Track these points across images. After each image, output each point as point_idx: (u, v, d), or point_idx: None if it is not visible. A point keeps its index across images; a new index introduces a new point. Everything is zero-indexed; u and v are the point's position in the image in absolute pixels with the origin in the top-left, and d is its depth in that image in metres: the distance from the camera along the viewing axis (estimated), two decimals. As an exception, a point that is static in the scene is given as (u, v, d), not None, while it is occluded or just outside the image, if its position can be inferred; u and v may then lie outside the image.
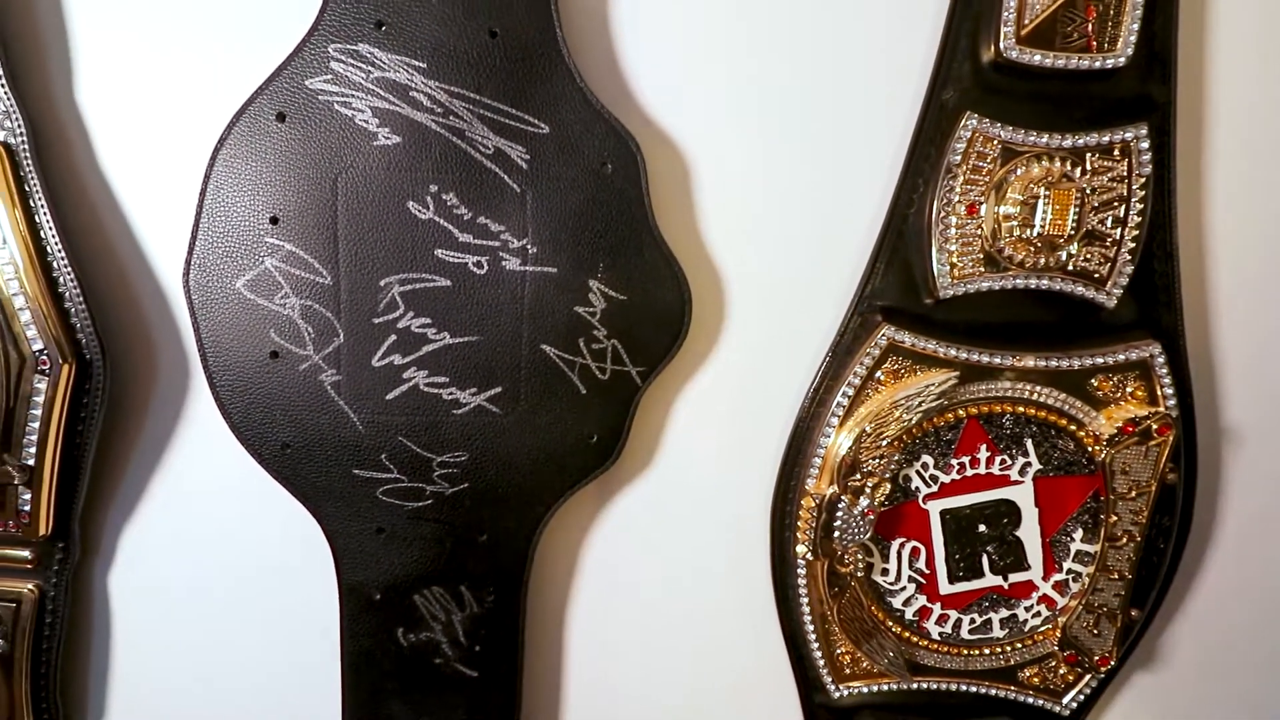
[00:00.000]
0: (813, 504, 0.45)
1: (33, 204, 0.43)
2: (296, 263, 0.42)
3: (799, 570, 0.47)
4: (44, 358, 0.44)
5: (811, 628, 0.48)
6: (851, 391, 0.44)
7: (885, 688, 0.49)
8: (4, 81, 0.42)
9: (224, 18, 0.43)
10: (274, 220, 0.41)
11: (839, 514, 0.45)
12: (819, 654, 0.48)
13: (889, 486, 0.45)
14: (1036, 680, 0.49)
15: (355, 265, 0.42)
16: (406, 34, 0.40)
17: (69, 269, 0.44)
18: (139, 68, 0.44)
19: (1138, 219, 0.42)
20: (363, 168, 0.41)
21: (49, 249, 0.43)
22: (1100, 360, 0.43)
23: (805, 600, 0.47)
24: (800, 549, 0.46)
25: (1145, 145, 0.41)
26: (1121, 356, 0.43)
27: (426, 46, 0.40)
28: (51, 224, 0.43)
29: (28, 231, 0.43)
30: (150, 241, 0.46)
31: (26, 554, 0.48)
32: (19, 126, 0.43)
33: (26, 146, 0.43)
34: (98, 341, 0.44)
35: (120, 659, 0.53)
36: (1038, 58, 0.40)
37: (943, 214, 0.42)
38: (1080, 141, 0.41)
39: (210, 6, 0.43)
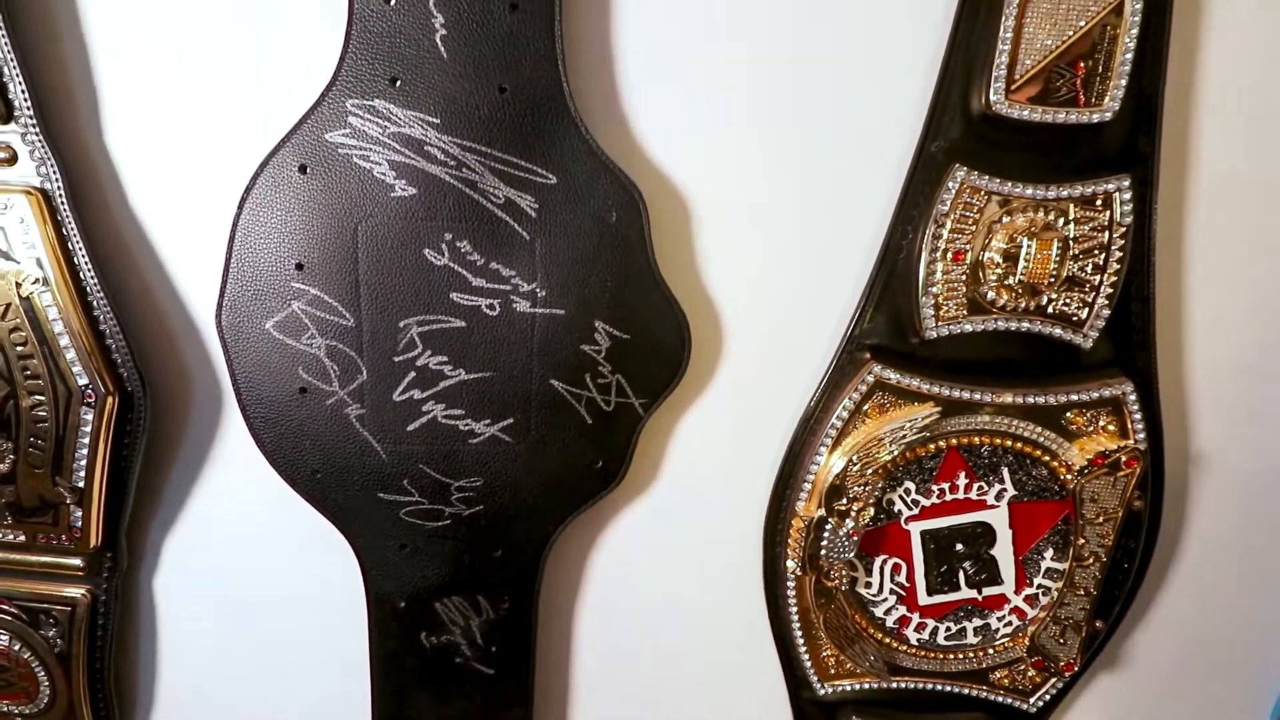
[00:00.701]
0: (802, 525, 0.49)
1: (71, 247, 0.46)
2: (321, 306, 0.45)
3: (789, 583, 0.51)
4: (89, 391, 0.47)
5: (800, 633, 0.52)
6: (840, 423, 0.47)
7: (867, 686, 0.53)
8: (40, 132, 0.44)
9: (245, 69, 0.45)
10: (299, 266, 0.44)
11: (826, 534, 0.48)
12: (806, 656, 0.53)
13: (873, 510, 0.48)
14: (1006, 681, 0.54)
15: (376, 308, 0.45)
16: (420, 90, 0.42)
17: (108, 309, 0.47)
18: (165, 118, 0.46)
19: (1116, 266, 0.44)
20: (381, 217, 0.44)
21: (88, 289, 0.46)
22: (1075, 397, 0.46)
23: (794, 609, 0.51)
24: (790, 564, 0.50)
25: (1127, 196, 0.43)
26: (1096, 394, 0.46)
27: (439, 102, 0.42)
28: (90, 266, 0.46)
29: (68, 273, 0.46)
30: (183, 282, 0.49)
31: (79, 563, 0.52)
32: (55, 173, 0.45)
33: (62, 192, 0.45)
34: (138, 375, 0.48)
35: (166, 656, 0.58)
36: (1026, 112, 0.42)
37: (930, 260, 0.44)
38: (1064, 193, 0.43)
39: (232, 59, 0.45)
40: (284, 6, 0.44)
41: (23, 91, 0.44)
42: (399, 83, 0.42)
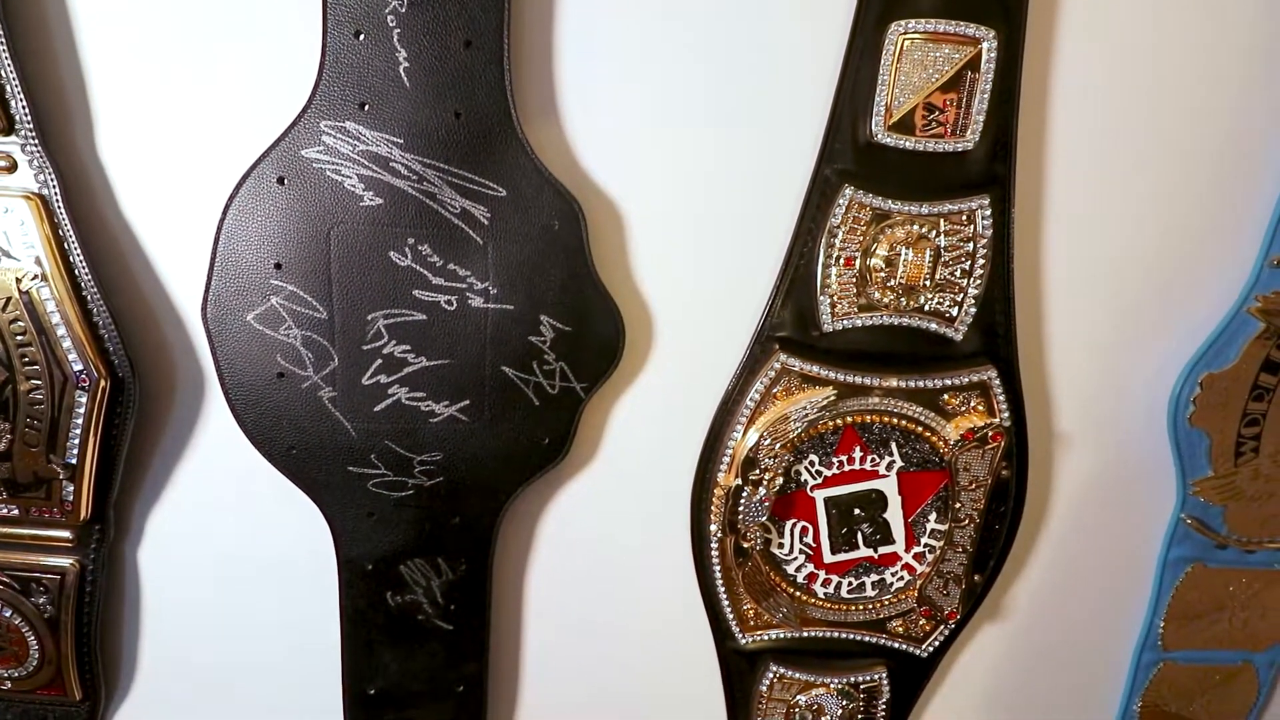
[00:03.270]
0: (722, 493, 0.56)
1: (67, 246, 0.51)
2: (297, 301, 0.50)
3: (712, 544, 0.58)
4: (83, 376, 0.52)
5: (723, 589, 0.59)
6: (752, 405, 0.54)
7: (782, 635, 0.61)
8: (39, 142, 0.49)
9: (229, 92, 0.50)
10: (278, 266, 0.50)
11: (742, 501, 0.55)
12: (729, 609, 0.59)
13: (782, 479, 0.55)
14: (901, 630, 0.61)
15: (347, 303, 0.51)
16: (386, 114, 0.48)
17: (101, 302, 0.51)
18: (155, 133, 0.51)
19: (981, 270, 0.53)
20: (351, 224, 0.49)
21: (83, 284, 0.51)
22: (949, 381, 0.54)
23: (717, 568, 0.58)
24: (713, 528, 0.57)
25: (988, 212, 0.51)
26: (966, 379, 0.54)
27: (402, 124, 0.48)
28: (84, 263, 0.51)
29: (64, 270, 0.51)
30: (169, 278, 0.53)
31: (68, 535, 0.57)
32: (52, 180, 0.50)
33: (59, 196, 0.50)
34: (128, 362, 0.53)
35: (149, 621, 0.62)
36: (903, 142, 0.50)
37: (825, 265, 0.52)
38: (935, 209, 0.51)
39: (216, 82, 0.50)
40: (266, 38, 0.49)
41: (23, 106, 0.48)
42: (367, 107, 0.48)
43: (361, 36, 0.46)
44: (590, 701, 0.66)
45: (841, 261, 0.52)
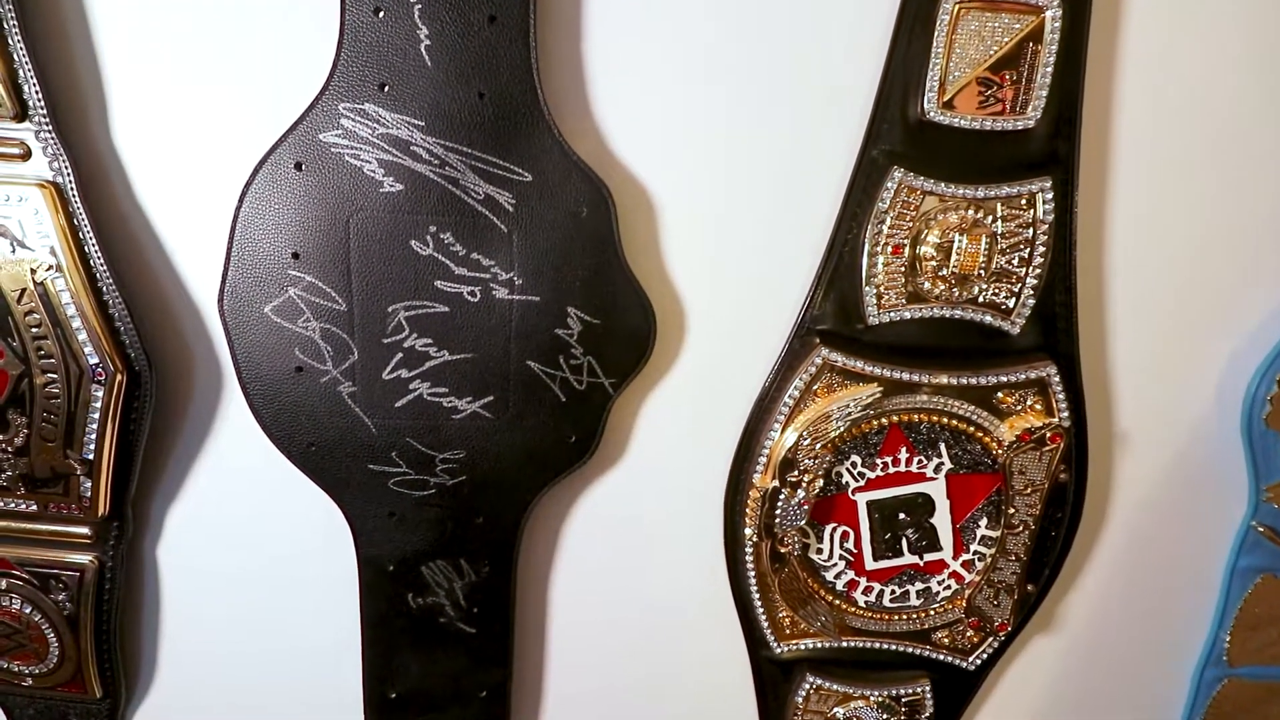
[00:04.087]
0: (758, 495, 0.53)
1: (82, 236, 0.49)
2: (316, 292, 0.48)
3: (747, 549, 0.55)
4: (99, 370, 0.51)
5: (757, 595, 0.56)
6: (792, 402, 0.51)
7: (819, 645, 0.58)
8: (52, 129, 0.48)
9: (245, 74, 0.48)
10: (295, 255, 0.48)
11: (780, 504, 0.53)
12: (764, 617, 0.57)
13: (822, 481, 0.52)
14: (947, 641, 0.58)
15: (366, 294, 0.49)
16: (406, 95, 0.45)
17: (117, 294, 0.50)
18: (170, 118, 0.49)
19: (1040, 259, 0.49)
20: (371, 211, 0.47)
21: (98, 276, 0.50)
22: (1005, 378, 0.51)
23: (752, 574, 0.55)
24: (748, 531, 0.54)
25: (1049, 196, 0.48)
26: (1023, 375, 0.51)
27: (424, 106, 0.46)
28: (99, 254, 0.49)
29: (79, 261, 0.49)
30: (186, 270, 0.52)
31: (87, 531, 0.56)
32: (66, 168, 0.48)
33: (73, 185, 0.49)
34: (144, 356, 0.51)
35: (169, 619, 0.61)
36: (957, 119, 0.46)
37: (872, 253, 0.49)
38: (992, 193, 0.47)
39: (232, 65, 0.48)
40: (281, 17, 0.47)
41: (36, 93, 0.47)
42: (387, 88, 0.45)
43: (381, 13, 0.44)
44: (617, 710, 0.63)
45: (889, 249, 0.48)
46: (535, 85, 0.45)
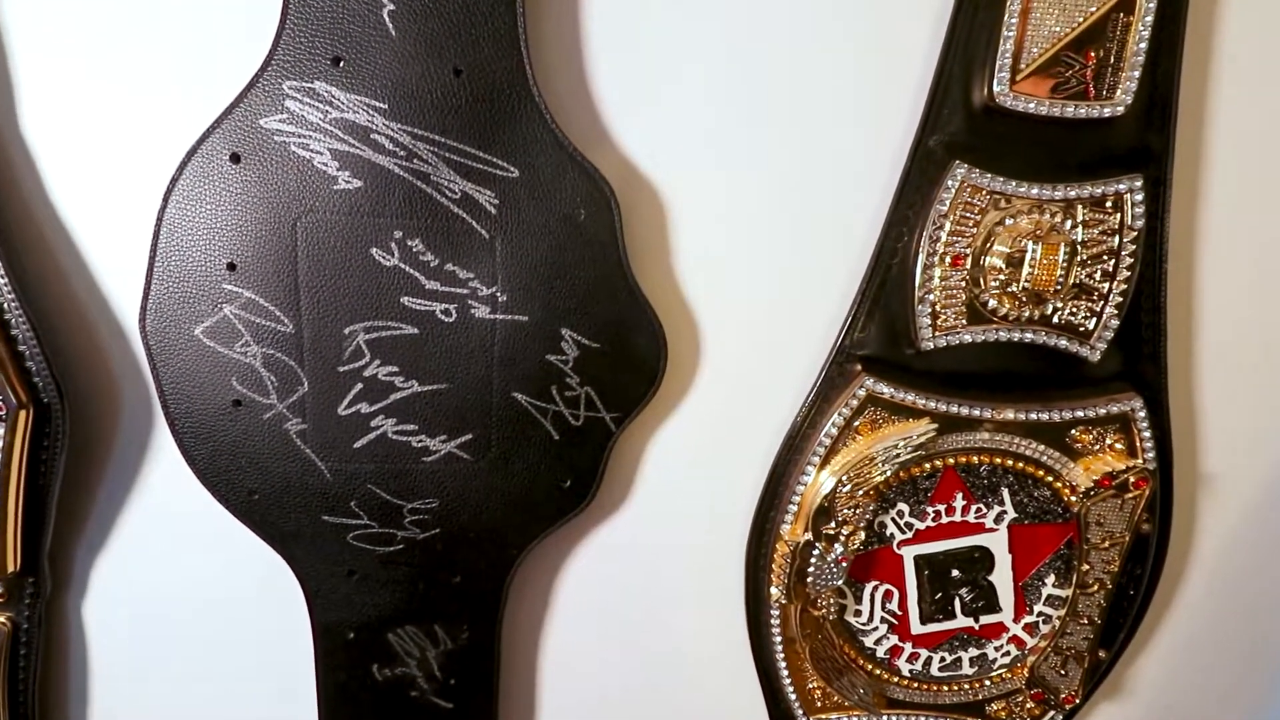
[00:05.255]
0: (787, 549, 0.45)
1: (-22, 242, 0.41)
2: (256, 310, 0.40)
3: (773, 611, 0.47)
4: (-1, 403, 0.42)
5: (784, 664, 0.49)
6: (829, 440, 0.44)
7: (857, 719, 0.50)
8: (-61, 112, 0.40)
9: (172, 47, 0.40)
10: (231, 266, 0.40)
11: (813, 559, 0.45)
12: (791, 688, 0.49)
13: (864, 534, 0.44)
14: (1004, 714, 0.50)
15: (318, 313, 0.41)
16: (366, 72, 0.38)
17: (19, 311, 0.42)
18: (87, 99, 0.41)
19: (1127, 272, 0.41)
20: (323, 212, 0.39)
21: (-2, 289, 0.42)
22: (1081, 413, 0.43)
23: (778, 639, 0.48)
24: (774, 591, 0.46)
25: (1140, 197, 0.40)
26: (1103, 410, 0.43)
27: (387, 85, 0.38)
28: (0, 263, 0.42)
29: (-26, 271, 0.41)
30: (107, 281, 0.44)
31: (-4, 588, 0.48)
32: (-41, 159, 0.40)
33: (-32, 181, 0.41)
34: (55, 385, 0.43)
35: (97, 686, 0.53)
36: (1032, 104, 0.38)
37: (927, 264, 0.41)
38: (1072, 193, 0.40)
39: (158, 36, 0.40)
40: (216, -24, 0.39)
41: (-78, 70, 0.39)
42: (342, 63, 0.38)
43: (334, -29, 0.36)
44: (619, 791, 0.55)
45: (948, 260, 0.41)
46: (523, 60, 0.38)
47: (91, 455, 0.47)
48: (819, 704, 0.50)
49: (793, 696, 0.49)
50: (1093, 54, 0.38)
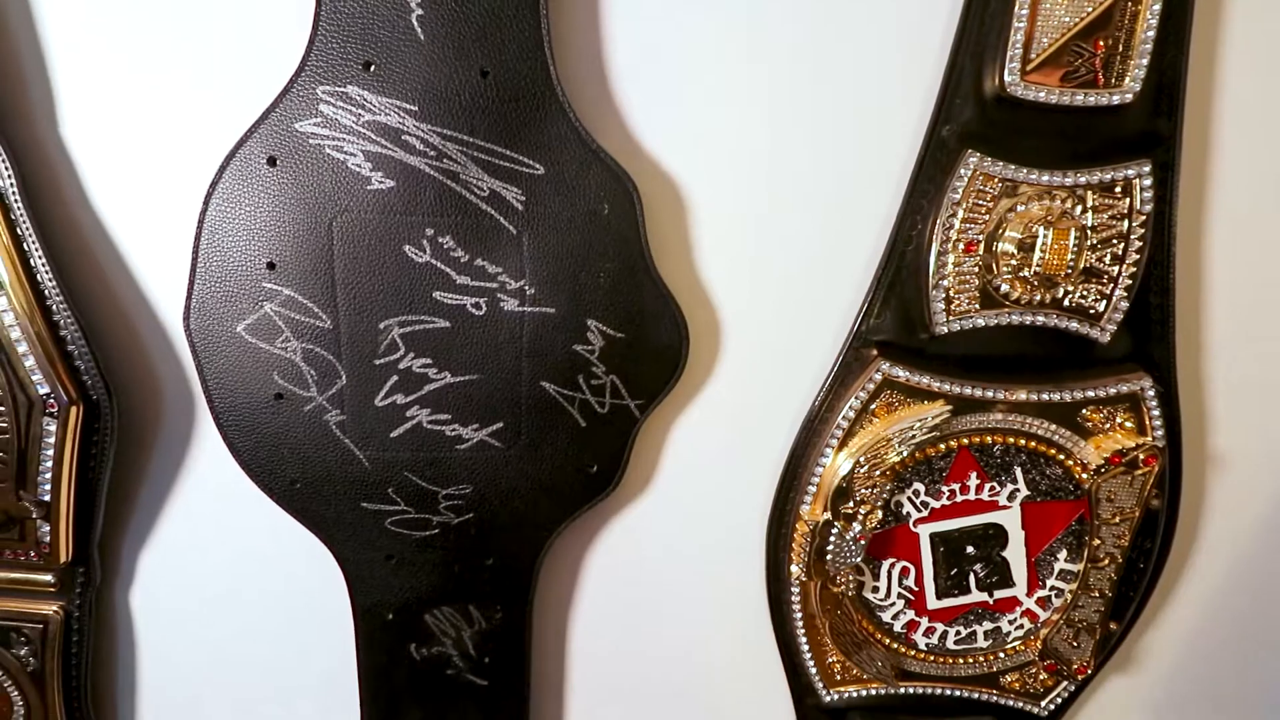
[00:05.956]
0: (806, 528, 0.47)
1: (26, 248, 0.43)
2: (295, 307, 0.42)
3: (793, 588, 0.49)
4: (51, 400, 0.44)
5: (804, 639, 0.50)
6: (846, 423, 0.45)
7: (874, 692, 0.52)
8: (-12, 124, 0.41)
9: (209, 55, 0.42)
10: (271, 265, 0.41)
11: (832, 538, 0.46)
12: (811, 663, 0.51)
13: (881, 512, 0.46)
14: (1017, 685, 0.52)
15: (354, 309, 0.42)
16: (396, 76, 0.39)
17: (69, 313, 0.44)
18: (124, 107, 0.43)
19: (1136, 256, 0.42)
20: (357, 212, 0.41)
21: (47, 293, 0.43)
22: (1092, 393, 0.44)
23: (799, 615, 0.49)
24: (794, 569, 0.48)
25: (1148, 182, 0.41)
26: (1113, 390, 0.44)
27: (417, 88, 0.39)
28: (47, 268, 0.43)
29: (24, 275, 0.43)
30: (150, 282, 0.46)
31: (50, 578, 0.50)
32: (6, 169, 0.42)
33: (15, 189, 0.42)
34: (104, 383, 0.45)
35: (145, 672, 0.55)
36: (1043, 93, 0.39)
37: (941, 251, 0.42)
38: (1082, 179, 0.41)
39: (194, 44, 0.42)
40: (250, -13, 0.41)
41: (-32, 82, 0.41)
42: (373, 67, 0.39)
43: (365, -21, 0.37)
44: (646, 763, 0.57)
45: (961, 247, 0.42)
46: (547, 61, 0.39)
47: (137, 449, 0.49)
48: (838, 677, 0.52)
49: (813, 670, 0.51)
50: (1101, 43, 0.39)
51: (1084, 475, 0.46)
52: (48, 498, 0.47)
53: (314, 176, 0.40)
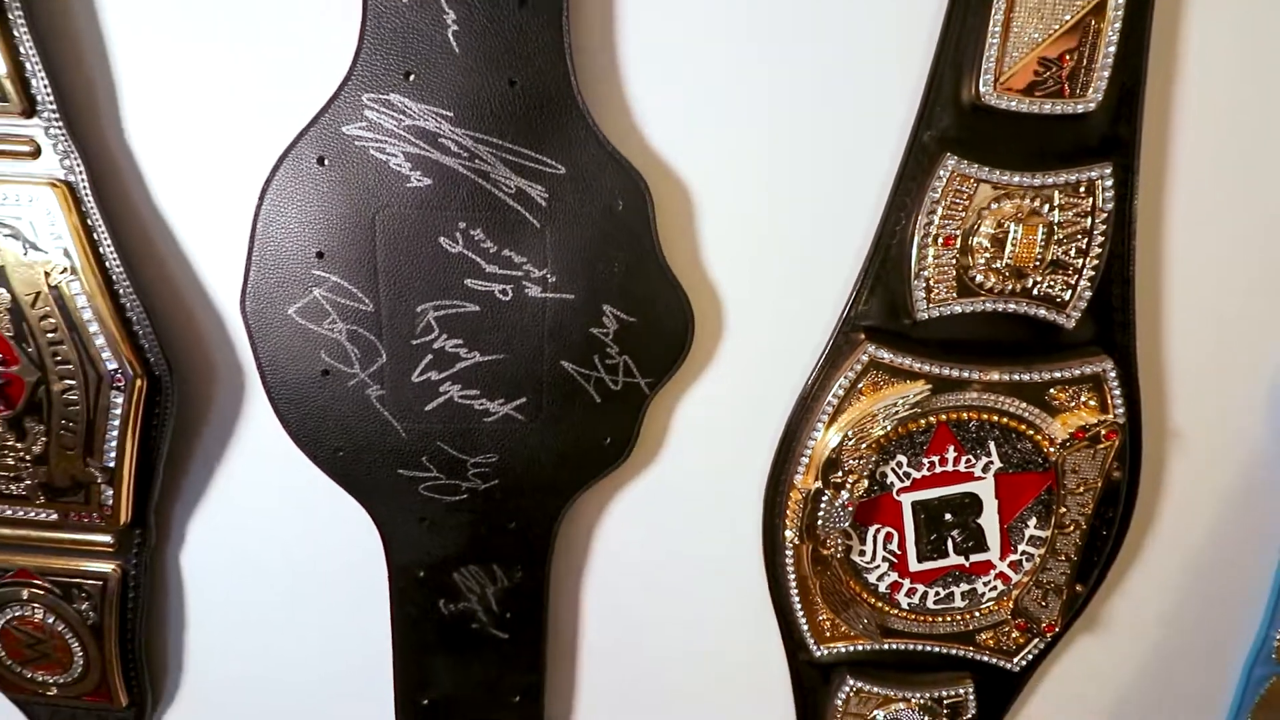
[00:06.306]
0: (800, 496, 0.51)
1: (96, 237, 0.47)
2: (341, 292, 0.47)
3: (787, 552, 0.53)
4: (118, 375, 0.49)
5: (797, 599, 0.55)
6: (836, 400, 0.50)
7: (860, 647, 0.56)
8: (63, 125, 0.46)
9: (262, 63, 0.46)
10: (320, 254, 0.46)
11: (822, 505, 0.51)
12: (803, 620, 0.55)
13: (867, 482, 0.51)
14: (991, 642, 0.57)
15: (394, 294, 0.47)
16: (433, 84, 0.43)
17: (134, 296, 0.48)
18: (184, 111, 0.47)
19: (1099, 250, 0.47)
20: (397, 207, 0.45)
21: (114, 278, 0.48)
22: (1058, 374, 0.49)
23: (792, 576, 0.54)
24: (788, 534, 0.53)
25: (1109, 183, 0.45)
26: (1077, 371, 0.49)
27: (452, 96, 0.43)
28: (115, 255, 0.48)
29: (95, 262, 0.47)
30: (205, 270, 0.50)
31: (109, 539, 0.55)
32: (78, 164, 0.46)
33: (86, 184, 0.47)
34: (165, 360, 0.50)
35: (195, 627, 0.60)
36: (1014, 103, 0.44)
37: (922, 245, 0.47)
38: (1050, 180, 0.45)
39: (248, 54, 0.46)
40: (301, 4, 0.45)
41: (45, 87, 0.45)
42: (413, 77, 0.43)
43: (406, -2, 0.42)
44: (650, 714, 0.62)
45: (940, 241, 0.46)
46: (569, 72, 0.43)
47: (193, 421, 0.54)
48: (828, 634, 0.56)
49: (805, 627, 0.56)
50: (1067, 57, 0.43)
51: (1051, 449, 0.50)
52: (112, 464, 0.51)
53: (359, 175, 0.45)
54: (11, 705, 0.61)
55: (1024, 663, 0.57)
